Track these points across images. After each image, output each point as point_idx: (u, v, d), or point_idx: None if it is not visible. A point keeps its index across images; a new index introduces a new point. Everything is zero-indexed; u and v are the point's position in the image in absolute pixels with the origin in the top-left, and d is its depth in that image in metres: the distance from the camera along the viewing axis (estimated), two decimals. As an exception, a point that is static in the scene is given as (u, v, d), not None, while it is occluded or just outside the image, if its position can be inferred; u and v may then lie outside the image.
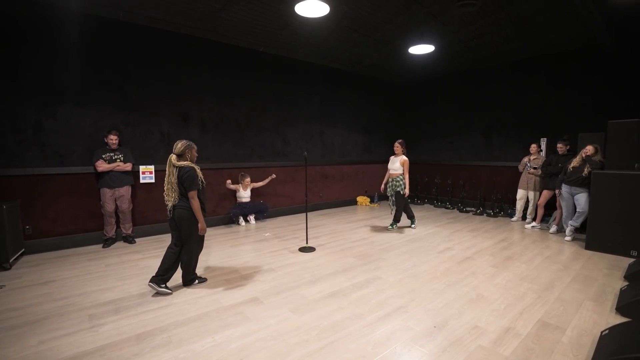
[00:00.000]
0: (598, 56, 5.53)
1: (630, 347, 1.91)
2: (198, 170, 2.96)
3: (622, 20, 4.58)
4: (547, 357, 2.08)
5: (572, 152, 5.21)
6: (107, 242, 4.47)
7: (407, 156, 5.21)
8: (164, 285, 3.01)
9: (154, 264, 3.74)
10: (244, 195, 5.79)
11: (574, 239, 4.69)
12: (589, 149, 4.49)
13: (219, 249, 4.36)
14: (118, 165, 4.37)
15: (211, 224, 5.60)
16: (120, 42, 4.62)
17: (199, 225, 3.02)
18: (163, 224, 5.08)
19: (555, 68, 6.04)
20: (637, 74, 5.08)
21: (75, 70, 4.32)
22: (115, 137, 4.40)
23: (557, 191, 4.81)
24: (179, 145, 2.95)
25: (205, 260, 3.89)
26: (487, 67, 6.97)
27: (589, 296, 2.93)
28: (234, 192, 5.83)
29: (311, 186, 7.05)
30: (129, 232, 4.65)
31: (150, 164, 4.90)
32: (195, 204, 2.94)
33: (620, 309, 2.65)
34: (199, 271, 3.47)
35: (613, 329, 2.22)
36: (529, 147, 5.74)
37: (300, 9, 4.00)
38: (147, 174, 4.86)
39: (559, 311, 2.65)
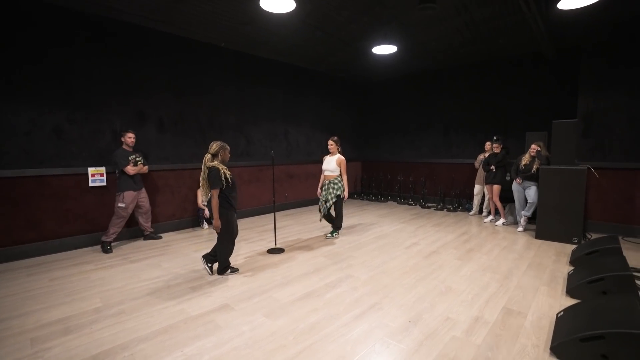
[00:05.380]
0: (542, 62, 6.05)
1: (582, 327, 2.09)
2: (223, 170, 3.18)
3: (561, 31, 5.04)
4: (514, 342, 2.21)
5: (506, 149, 5.75)
6: (109, 247, 4.27)
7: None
8: (210, 265, 3.44)
9: (108, 275, 3.43)
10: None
11: (525, 230, 5.09)
12: (534, 148, 4.89)
13: (182, 254, 4.11)
14: (142, 169, 4.48)
15: (172, 227, 5.28)
16: (62, 30, 4.15)
17: (214, 222, 3.21)
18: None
19: (506, 71, 6.51)
20: (574, 80, 5.63)
21: (5, 60, 3.80)
22: (133, 135, 4.44)
23: (517, 180, 5.03)
24: (214, 146, 3.24)
25: (167, 267, 3.64)
26: (445, 69, 7.33)
27: (543, 281, 3.18)
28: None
29: (276, 186, 6.92)
30: (152, 229, 4.80)
31: (101, 165, 4.48)
32: (214, 201, 3.16)
33: (569, 291, 2.90)
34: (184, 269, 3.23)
35: (566, 310, 2.42)
36: (484, 144, 6.14)
37: (266, 4, 3.89)
38: (97, 176, 4.44)
39: (520, 297, 2.84)
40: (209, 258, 3.47)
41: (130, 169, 4.31)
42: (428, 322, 2.46)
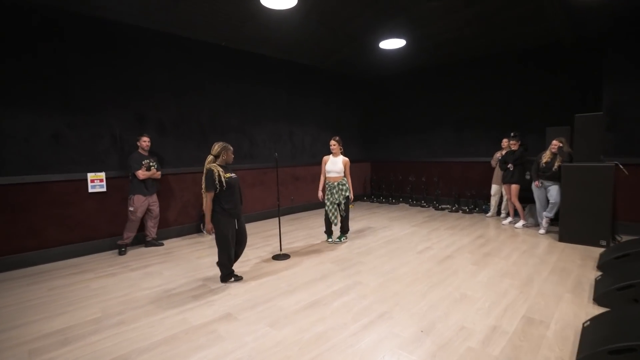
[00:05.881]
0: (560, 53, 5.92)
1: (611, 337, 2.02)
2: (218, 173, 3.17)
3: (580, 18, 4.92)
4: (535, 353, 2.14)
5: (524, 146, 5.58)
6: (124, 249, 4.51)
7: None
8: (231, 280, 3.48)
9: (109, 284, 3.47)
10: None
11: (547, 232, 4.98)
12: (555, 144, 4.78)
13: (184, 261, 4.14)
14: (154, 174, 4.61)
15: (174, 233, 5.33)
16: (60, 34, 4.24)
17: (205, 225, 3.27)
18: (117, 237, 4.73)
19: (521, 64, 6.39)
20: (595, 70, 5.49)
21: (4, 65, 3.90)
22: (148, 139, 4.63)
23: (535, 183, 4.97)
24: (216, 147, 3.28)
25: (169, 276, 3.67)
26: (456, 63, 7.25)
27: (567, 288, 3.09)
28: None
29: (281, 189, 6.93)
30: (156, 235, 4.88)
31: (101, 171, 4.55)
32: (206, 203, 3.20)
33: (597, 299, 2.81)
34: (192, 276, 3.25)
35: (594, 320, 2.34)
36: (501, 141, 6.04)
37: (266, 0, 3.90)
38: (96, 182, 4.51)
39: (541, 305, 2.77)
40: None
41: (141, 174, 4.45)
42: (441, 332, 2.41)
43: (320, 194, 4.81)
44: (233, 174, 3.34)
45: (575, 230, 4.43)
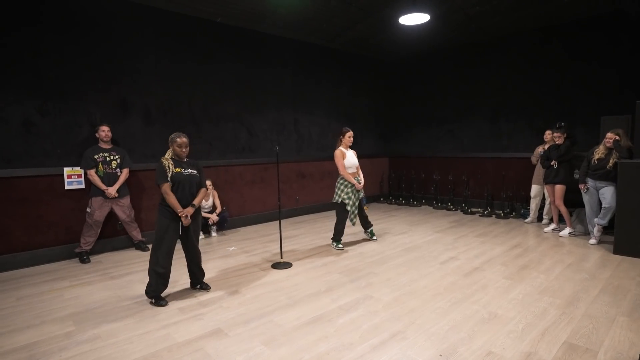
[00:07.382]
0: (623, 25, 5.70)
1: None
2: (165, 163, 3.23)
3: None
4: (577, 386, 2.08)
5: (571, 139, 5.46)
6: (86, 257, 4.52)
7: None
8: (198, 287, 3.66)
9: (84, 293, 3.54)
10: (205, 205, 5.59)
11: (599, 242, 4.86)
12: (611, 137, 4.65)
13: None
14: (111, 193, 4.53)
15: (160, 238, 5.39)
16: (29, 6, 4.31)
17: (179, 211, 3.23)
18: (99, 241, 4.81)
19: (573, 40, 6.23)
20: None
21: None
22: (107, 129, 4.57)
23: (581, 186, 4.94)
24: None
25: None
26: (492, 40, 7.14)
27: (621, 310, 3.00)
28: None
29: (284, 187, 6.95)
30: (140, 238, 4.98)
31: (79, 166, 4.63)
32: (167, 198, 3.21)
33: (657, 323, 2.72)
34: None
35: (651, 347, 2.26)
36: (543, 134, 5.91)
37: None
38: (74, 177, 4.60)
39: (588, 330, 2.69)
40: (192, 281, 3.66)
41: (91, 175, 4.45)
42: (465, 356, 2.37)
43: (351, 198, 4.76)
44: (187, 170, 3.32)
45: (634, 241, 4.30)
